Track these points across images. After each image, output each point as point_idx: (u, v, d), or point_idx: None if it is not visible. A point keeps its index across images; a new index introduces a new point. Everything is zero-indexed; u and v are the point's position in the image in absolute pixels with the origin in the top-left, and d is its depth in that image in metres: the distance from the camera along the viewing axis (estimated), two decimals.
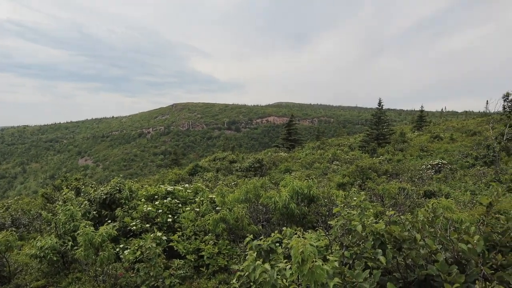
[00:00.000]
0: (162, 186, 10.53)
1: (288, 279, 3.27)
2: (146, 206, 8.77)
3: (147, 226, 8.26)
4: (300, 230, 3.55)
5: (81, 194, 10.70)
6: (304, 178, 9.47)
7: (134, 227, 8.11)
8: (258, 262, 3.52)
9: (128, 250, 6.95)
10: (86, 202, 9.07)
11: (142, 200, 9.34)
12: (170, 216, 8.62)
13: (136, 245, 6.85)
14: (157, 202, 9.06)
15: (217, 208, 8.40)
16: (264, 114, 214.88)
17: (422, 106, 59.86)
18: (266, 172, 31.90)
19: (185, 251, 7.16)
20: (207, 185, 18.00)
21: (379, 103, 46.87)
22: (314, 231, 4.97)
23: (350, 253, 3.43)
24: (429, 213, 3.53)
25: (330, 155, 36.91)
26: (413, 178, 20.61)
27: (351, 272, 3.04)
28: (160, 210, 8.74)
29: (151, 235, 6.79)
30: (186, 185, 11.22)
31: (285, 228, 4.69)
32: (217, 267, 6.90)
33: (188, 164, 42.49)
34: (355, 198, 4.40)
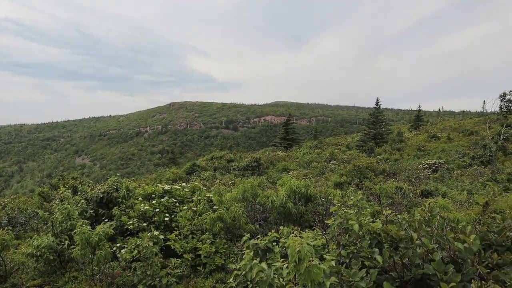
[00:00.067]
0: (159, 185, 10.50)
1: (285, 278, 3.28)
2: (143, 205, 8.75)
3: (144, 225, 8.24)
4: (297, 229, 3.54)
5: (78, 193, 10.64)
6: (301, 177, 9.47)
7: (131, 226, 8.09)
8: (255, 261, 3.53)
9: (125, 249, 6.93)
10: (83, 201, 9.03)
11: (139, 199, 9.31)
12: (167, 215, 8.60)
13: (133, 244, 6.85)
14: (154, 201, 9.03)
15: (214, 207, 8.40)
16: (261, 113, 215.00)
17: (419, 106, 60.24)
18: (263, 171, 31.89)
19: (182, 250, 7.15)
20: (205, 184, 17.99)
21: (377, 103, 47.05)
22: (311, 230, 4.97)
23: (347, 252, 3.43)
24: (425, 212, 3.54)
25: (328, 155, 36.97)
26: (410, 177, 20.67)
27: (348, 271, 3.04)
28: (157, 209, 8.73)
29: (148, 234, 6.79)
30: (184, 184, 11.20)
31: (282, 227, 4.70)
32: (214, 266, 6.91)
33: (185, 163, 42.40)
34: (352, 198, 4.41)
